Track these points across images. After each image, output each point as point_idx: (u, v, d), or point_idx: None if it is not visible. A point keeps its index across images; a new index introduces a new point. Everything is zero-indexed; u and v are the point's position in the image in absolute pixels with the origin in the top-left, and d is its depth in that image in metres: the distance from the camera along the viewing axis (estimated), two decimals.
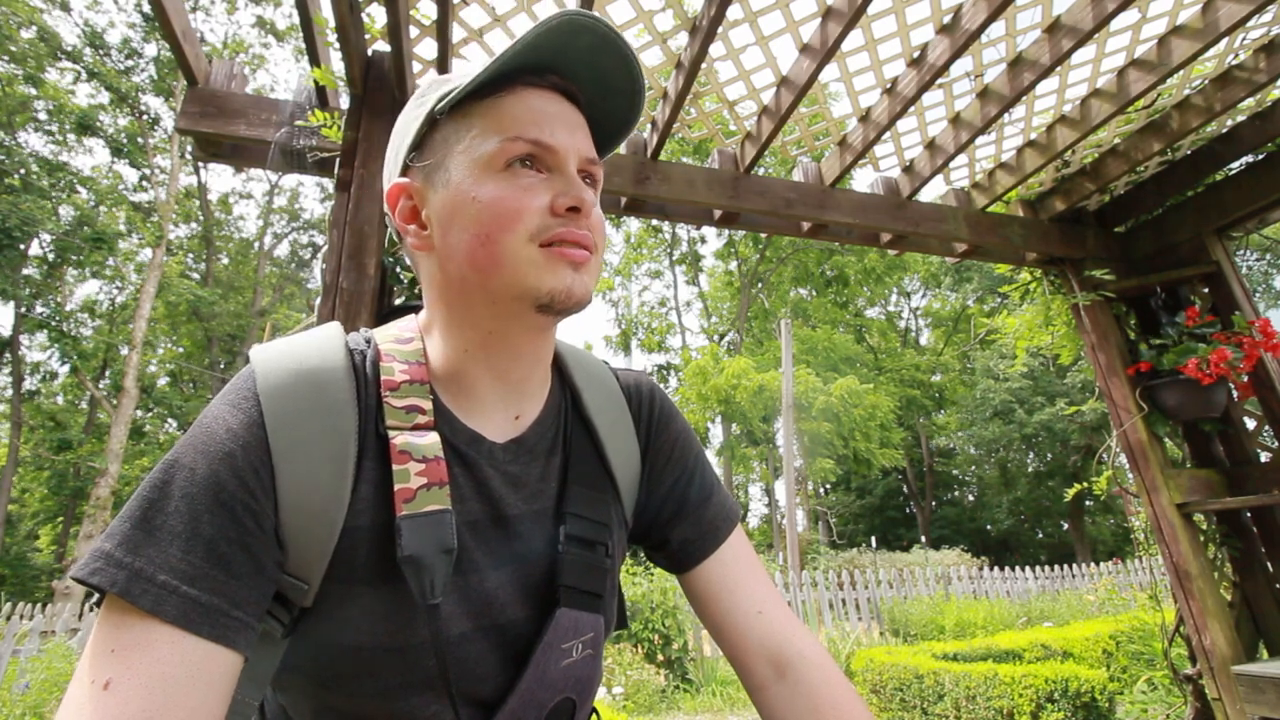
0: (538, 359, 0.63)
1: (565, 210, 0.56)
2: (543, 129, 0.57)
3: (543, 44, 0.55)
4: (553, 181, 0.57)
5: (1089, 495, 11.84)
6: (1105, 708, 3.52)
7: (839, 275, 25.25)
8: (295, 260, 25.14)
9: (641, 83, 0.61)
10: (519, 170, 0.56)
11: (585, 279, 0.57)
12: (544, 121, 0.57)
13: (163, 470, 0.48)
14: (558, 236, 0.56)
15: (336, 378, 0.56)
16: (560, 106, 0.59)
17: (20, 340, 16.76)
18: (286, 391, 0.53)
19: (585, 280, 0.57)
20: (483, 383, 0.61)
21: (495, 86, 0.58)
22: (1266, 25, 2.05)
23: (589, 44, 0.57)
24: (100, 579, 0.43)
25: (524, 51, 0.55)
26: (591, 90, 0.61)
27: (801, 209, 2.52)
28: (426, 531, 0.52)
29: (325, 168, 1.99)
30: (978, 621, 7.53)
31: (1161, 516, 2.46)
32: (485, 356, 0.60)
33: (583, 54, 0.58)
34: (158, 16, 1.71)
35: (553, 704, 0.59)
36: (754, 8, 1.95)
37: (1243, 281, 2.59)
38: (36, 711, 4.12)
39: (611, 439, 0.69)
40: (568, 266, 0.56)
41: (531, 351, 0.62)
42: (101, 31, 17.04)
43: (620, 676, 5.52)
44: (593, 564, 0.62)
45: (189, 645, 0.44)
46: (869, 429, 17.69)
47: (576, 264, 0.56)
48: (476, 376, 0.60)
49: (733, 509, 0.75)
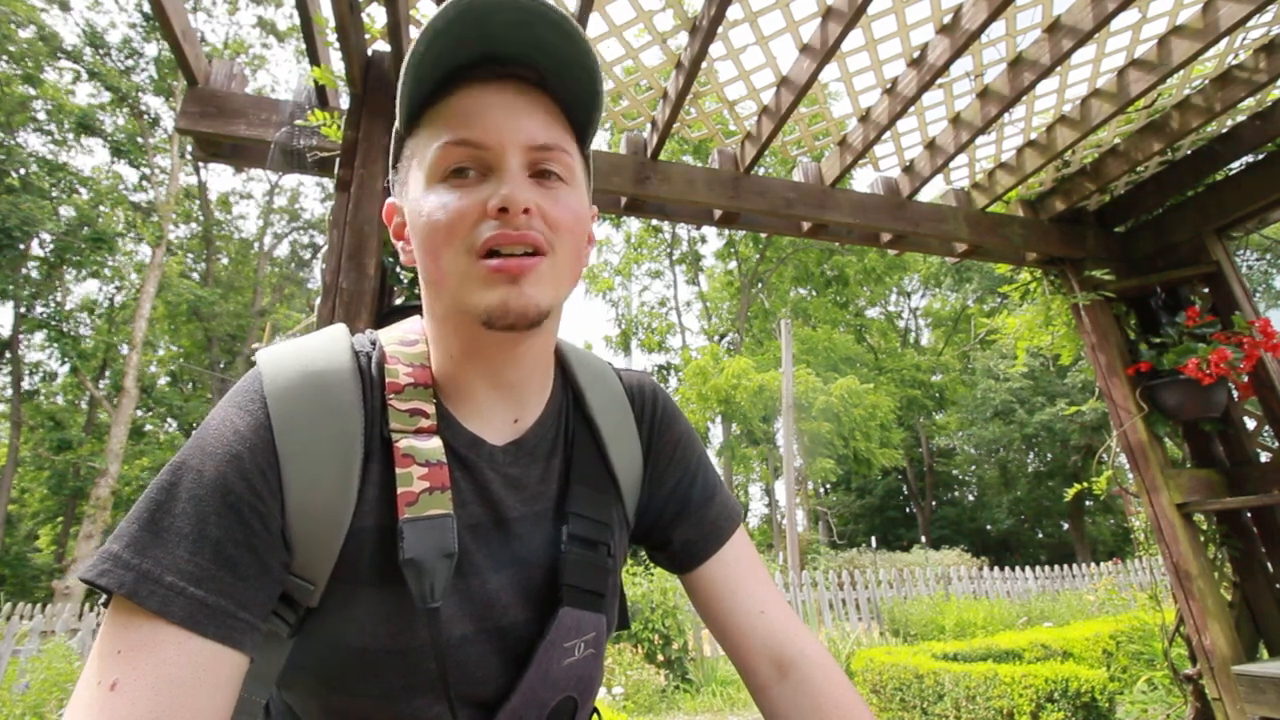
0: (530, 365, 0.62)
1: (496, 212, 0.52)
2: (474, 125, 0.53)
3: (452, 34, 0.51)
4: (490, 183, 0.53)
5: (1089, 495, 11.85)
6: (1105, 708, 3.52)
7: (839, 275, 25.26)
8: (295, 260, 25.14)
9: (584, 45, 0.54)
10: (458, 177, 0.54)
11: (526, 290, 0.52)
12: (476, 117, 0.54)
13: (170, 472, 0.49)
14: (490, 244, 0.52)
15: (342, 380, 0.56)
16: (500, 96, 0.55)
17: (20, 340, 16.76)
18: (293, 394, 0.53)
19: (525, 292, 0.52)
20: (477, 388, 0.60)
21: (440, 90, 0.55)
22: (1266, 25, 2.05)
23: (513, 20, 0.52)
24: (108, 580, 0.44)
25: (433, 49, 0.52)
26: (541, 65, 0.56)
27: (801, 209, 2.52)
28: (428, 535, 0.52)
29: (325, 168, 1.99)
30: (978, 621, 7.53)
31: (1161, 516, 2.46)
32: (473, 364, 0.59)
33: (511, 30, 0.53)
34: (158, 16, 1.71)
35: (555, 703, 0.59)
36: (754, 8, 1.95)
37: (1243, 281, 2.59)
38: (36, 711, 4.12)
39: (614, 439, 0.69)
40: (502, 280, 0.52)
41: (518, 359, 0.60)
42: (102, 31, 17.05)
43: (620, 676, 5.52)
44: (595, 563, 0.62)
45: (195, 646, 0.44)
46: (869, 429, 17.69)
47: (513, 275, 0.52)
48: (470, 382, 0.60)
49: (734, 510, 0.75)
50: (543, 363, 0.64)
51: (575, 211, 0.57)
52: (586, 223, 0.61)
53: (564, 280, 0.57)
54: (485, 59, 0.55)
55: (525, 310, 0.53)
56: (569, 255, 0.57)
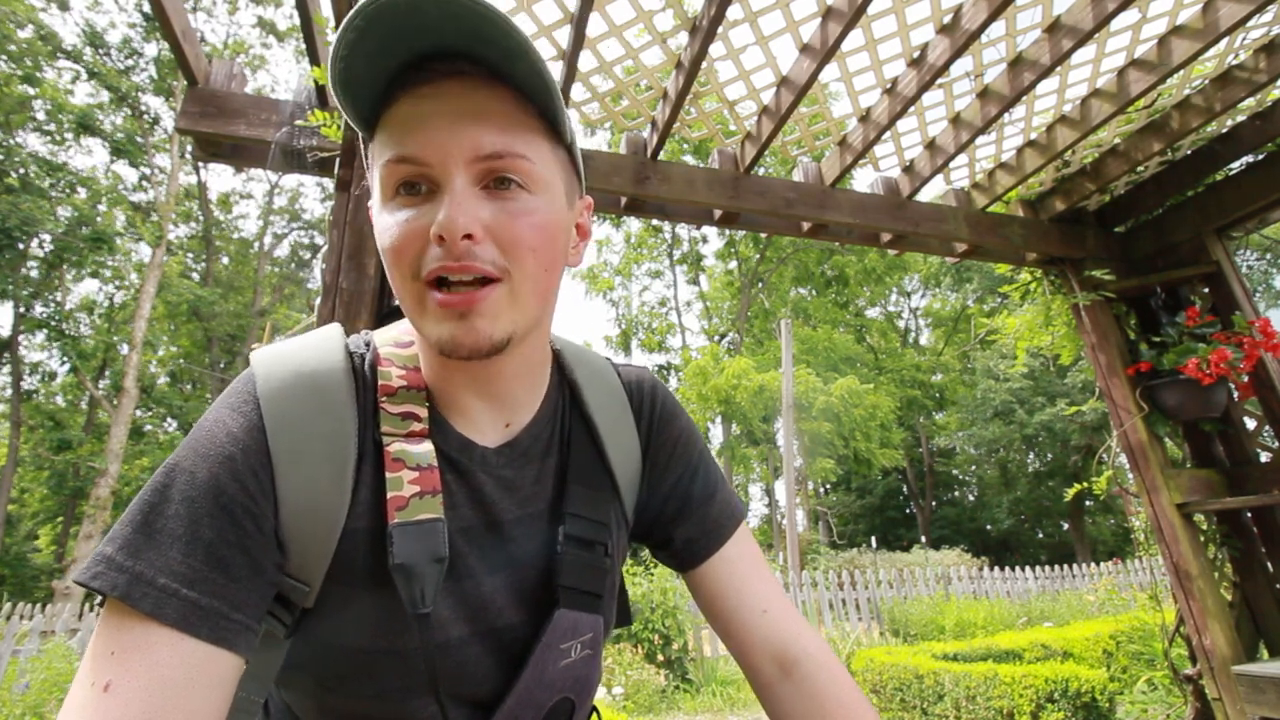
0: (513, 376, 0.60)
1: (438, 240, 0.48)
2: (415, 139, 0.49)
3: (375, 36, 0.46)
4: (436, 203, 0.49)
5: (1089, 495, 11.83)
6: (1105, 708, 3.52)
7: (839, 275, 25.26)
8: (295, 260, 25.13)
9: (507, 25, 0.46)
10: (404, 197, 0.50)
11: (476, 324, 0.49)
12: (416, 128, 0.49)
13: (163, 474, 0.49)
14: (435, 272, 0.49)
15: (336, 381, 0.55)
16: (443, 101, 0.49)
17: (20, 340, 16.76)
18: (286, 395, 0.53)
19: (476, 326, 0.49)
20: (464, 395, 0.60)
21: (387, 94, 0.50)
22: (1266, 25, 2.05)
23: (441, 11, 0.46)
24: (101, 583, 0.44)
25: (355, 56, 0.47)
26: (490, 57, 0.49)
27: (801, 209, 2.52)
28: (418, 540, 0.52)
29: (325, 168, 1.99)
30: (978, 621, 7.53)
31: (1161, 516, 2.46)
32: (456, 376, 0.59)
33: (444, 21, 0.46)
34: (158, 16, 1.71)
35: (551, 704, 0.59)
36: (754, 8, 1.95)
37: (1243, 281, 2.59)
38: (36, 711, 4.12)
39: (611, 436, 0.68)
40: (450, 315, 0.49)
41: (499, 374, 0.58)
42: (102, 31, 17.05)
43: (620, 676, 5.52)
44: (592, 564, 0.62)
45: (189, 648, 0.44)
46: (869, 429, 17.69)
47: (461, 310, 0.49)
48: (456, 389, 0.59)
49: (737, 507, 0.75)
50: (529, 372, 0.62)
51: (538, 224, 0.52)
52: (558, 232, 0.54)
53: (527, 304, 0.53)
54: (426, 57, 0.49)
55: (477, 345, 0.50)
56: (532, 275, 0.52)
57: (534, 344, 0.60)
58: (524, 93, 0.51)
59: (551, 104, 0.52)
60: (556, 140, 0.55)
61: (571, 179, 0.59)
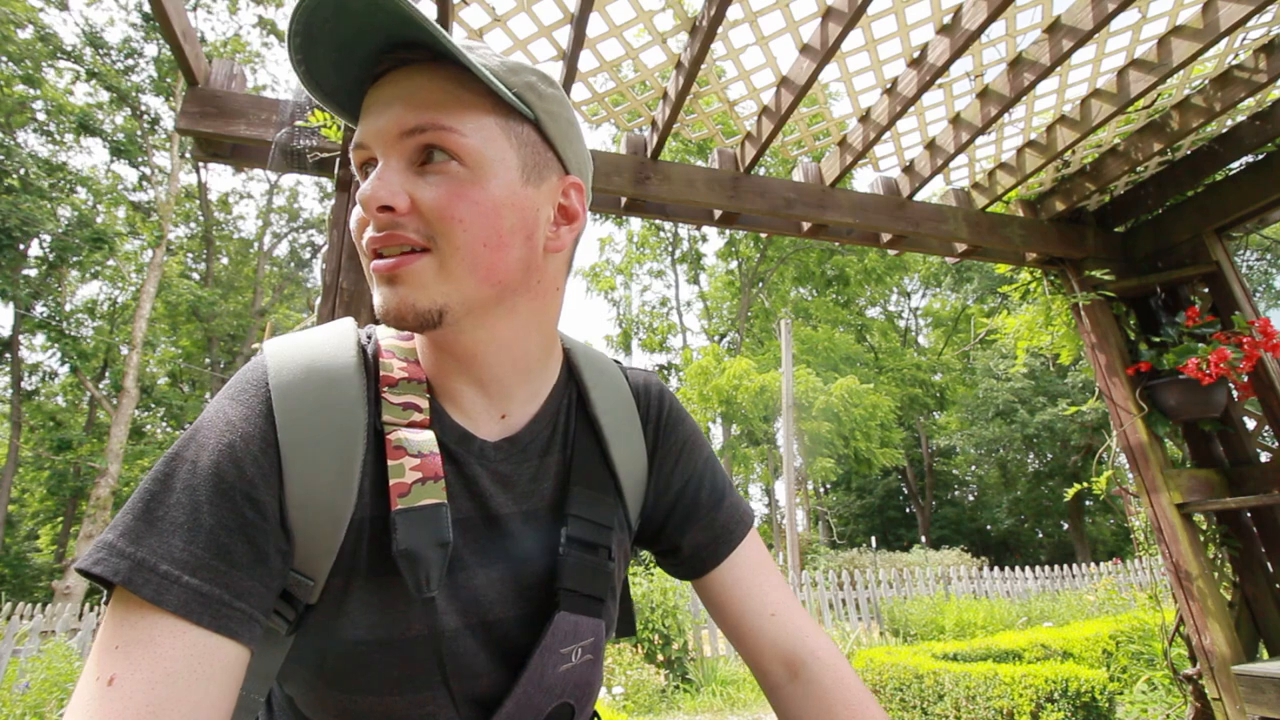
0: (495, 360, 0.59)
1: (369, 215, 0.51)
2: (363, 126, 0.53)
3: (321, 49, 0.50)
4: None
5: (1089, 495, 11.82)
6: (1105, 708, 3.52)
7: (840, 275, 25.26)
8: (295, 260, 25.14)
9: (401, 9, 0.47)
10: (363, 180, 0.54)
11: (400, 290, 0.51)
12: (364, 117, 0.53)
13: (165, 463, 0.49)
14: (371, 247, 0.52)
15: (349, 375, 0.56)
16: (385, 88, 0.52)
17: (20, 340, 16.76)
18: (299, 387, 0.53)
19: (399, 292, 0.51)
20: (457, 383, 0.60)
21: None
22: (1266, 25, 2.05)
23: (361, 7, 0.47)
24: (103, 569, 0.43)
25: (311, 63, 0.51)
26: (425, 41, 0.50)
27: (801, 209, 2.52)
28: (421, 525, 0.52)
29: (325, 168, 1.99)
30: (978, 621, 7.53)
31: (1161, 516, 2.46)
32: (443, 360, 0.59)
33: (361, 18, 0.48)
34: (158, 16, 1.71)
35: (550, 709, 0.59)
36: (754, 8, 1.95)
37: (1243, 281, 2.59)
38: (37, 711, 4.12)
39: (617, 439, 0.68)
40: (381, 281, 0.52)
41: (476, 354, 0.58)
42: (101, 31, 17.05)
43: (620, 676, 5.52)
44: (594, 567, 0.61)
45: (192, 637, 0.44)
46: (869, 429, 17.69)
47: (388, 275, 0.51)
48: (448, 377, 0.60)
49: (746, 512, 0.75)
50: (515, 357, 0.61)
51: (470, 197, 0.51)
52: (502, 208, 0.52)
53: (460, 279, 0.52)
54: (379, 52, 0.52)
55: (400, 312, 0.51)
56: (464, 248, 0.51)
57: (508, 329, 0.58)
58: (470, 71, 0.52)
59: (483, 78, 0.51)
60: (513, 115, 0.54)
61: (539, 156, 0.56)
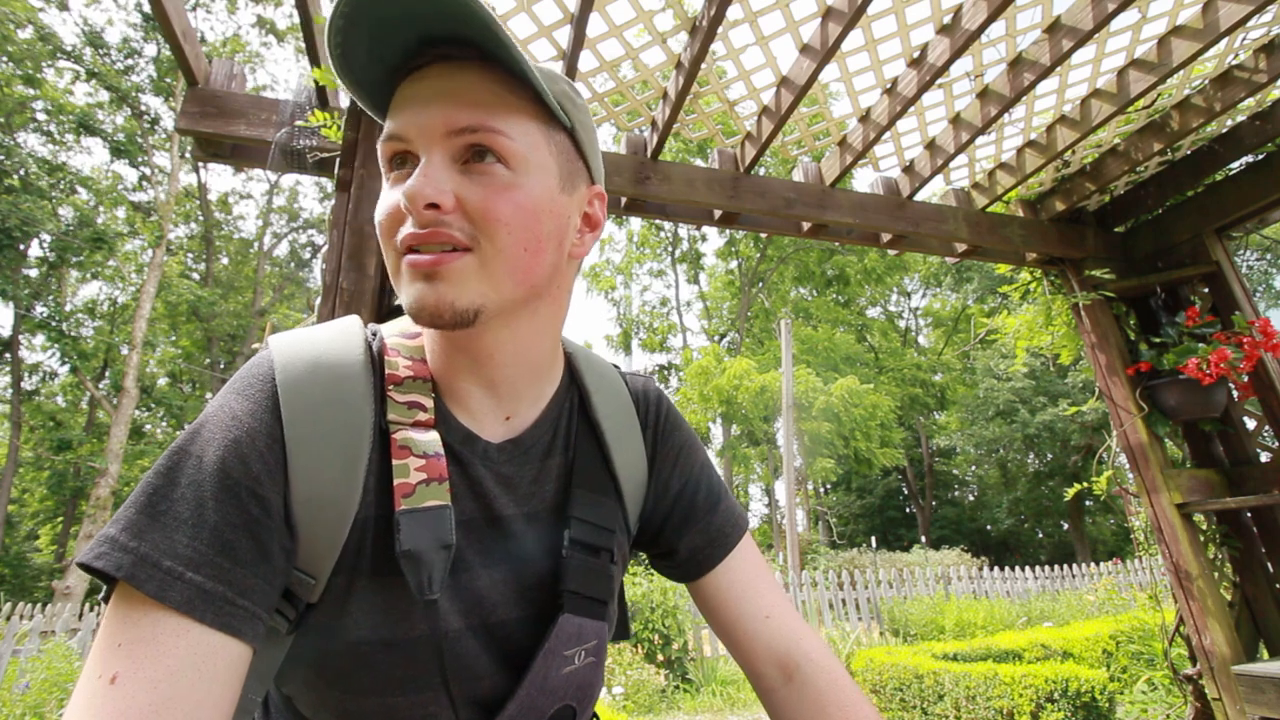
0: (510, 361, 0.59)
1: (406, 210, 0.50)
2: (399, 118, 0.52)
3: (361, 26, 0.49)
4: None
5: (1089, 495, 11.83)
6: (1105, 708, 3.52)
7: (840, 275, 25.25)
8: (295, 260, 25.14)
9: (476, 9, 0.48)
10: (396, 173, 0.54)
11: (440, 288, 0.50)
12: (403, 108, 0.52)
13: (170, 457, 0.48)
14: (407, 243, 0.51)
15: (355, 373, 0.56)
16: (427, 82, 0.52)
17: (20, 340, 16.76)
18: (305, 384, 0.53)
19: (439, 290, 0.50)
20: (465, 383, 0.60)
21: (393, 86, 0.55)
22: (1266, 25, 2.05)
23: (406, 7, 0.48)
24: (105, 563, 0.43)
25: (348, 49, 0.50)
26: (477, 39, 0.50)
27: (801, 209, 2.52)
28: (425, 527, 0.52)
29: (325, 168, 1.99)
30: (978, 621, 7.53)
31: (1161, 516, 2.46)
32: (455, 358, 0.59)
33: (422, 9, 0.49)
34: (158, 16, 1.71)
35: (552, 711, 0.59)
36: (754, 8, 1.95)
37: (1243, 281, 2.59)
38: (37, 711, 4.12)
39: (618, 443, 0.68)
40: (418, 277, 0.51)
41: (490, 355, 0.58)
42: (100, 30, 17.04)
43: (620, 676, 5.52)
44: (597, 569, 0.61)
45: (195, 635, 0.43)
46: (869, 429, 17.69)
47: (426, 272, 0.50)
48: (457, 376, 0.60)
49: (741, 517, 0.75)
50: (529, 361, 0.61)
51: (515, 200, 0.52)
52: (541, 213, 0.54)
53: (500, 280, 0.52)
54: (425, 44, 0.51)
55: (438, 309, 0.50)
56: (505, 250, 0.52)
57: (528, 331, 0.59)
58: (516, 75, 0.52)
59: (536, 86, 0.52)
60: (552, 123, 0.56)
61: (573, 165, 0.58)
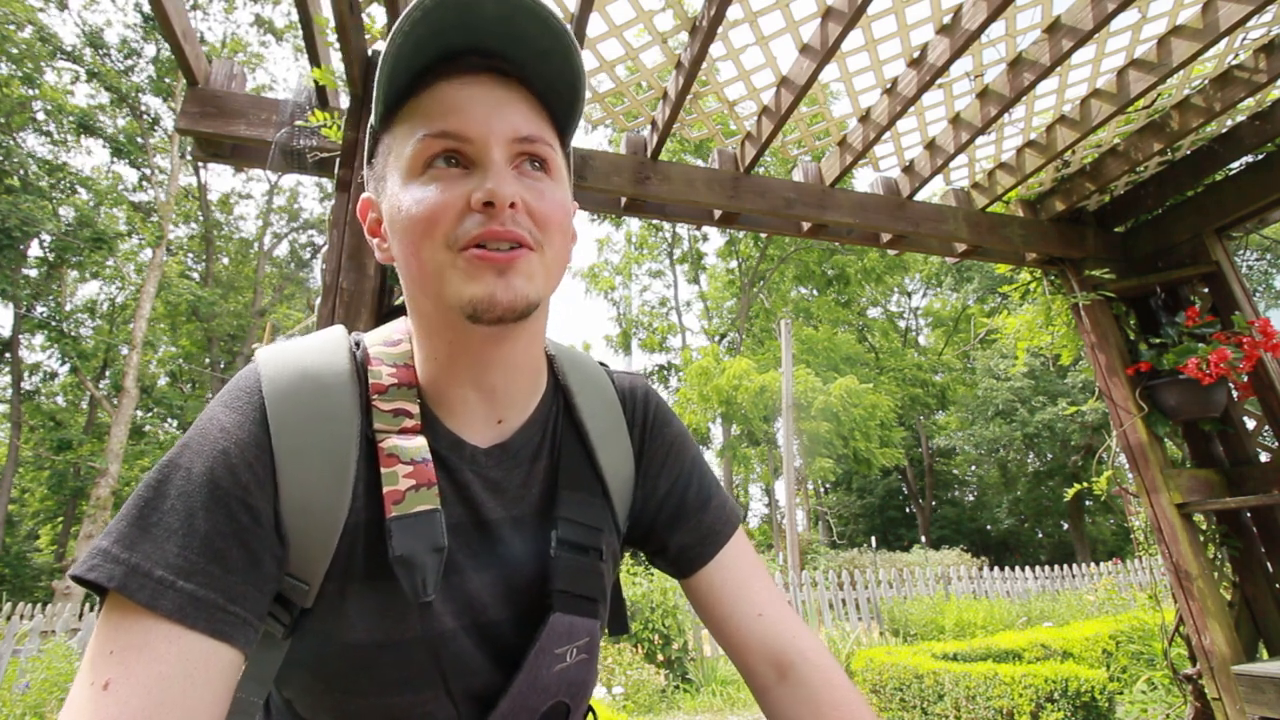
0: (514, 366, 0.61)
1: (481, 206, 0.51)
2: (455, 117, 0.52)
3: (432, 22, 0.51)
4: (473, 176, 0.52)
5: (1089, 495, 11.85)
6: (1105, 708, 3.52)
7: (840, 274, 25.23)
8: (295, 260, 25.13)
9: (566, 37, 0.54)
10: (439, 170, 0.53)
11: (515, 282, 0.52)
12: (458, 109, 0.53)
13: (159, 470, 0.49)
14: (476, 238, 0.51)
15: (341, 383, 0.57)
16: (481, 89, 0.54)
17: (20, 340, 16.76)
18: (292, 395, 0.54)
19: (514, 284, 0.52)
20: (459, 389, 0.60)
21: (416, 85, 0.55)
22: (1266, 25, 2.05)
23: (494, 13, 0.52)
24: (97, 575, 0.44)
25: (412, 37, 0.51)
26: (522, 58, 0.55)
27: (801, 209, 2.52)
28: (417, 531, 0.53)
29: (325, 168, 1.99)
30: (978, 621, 7.53)
31: (1161, 516, 2.46)
32: (455, 364, 0.59)
33: (492, 24, 0.52)
34: (158, 16, 1.71)
35: (545, 708, 0.60)
36: (754, 8, 1.95)
37: (1243, 281, 2.59)
38: (37, 711, 4.12)
39: (603, 442, 0.69)
40: (489, 271, 0.51)
41: (501, 359, 0.59)
42: (99, 30, 17.03)
43: (620, 676, 5.52)
44: (586, 568, 0.62)
45: (187, 642, 0.44)
46: (869, 428, 17.67)
47: (500, 266, 0.51)
48: (451, 382, 0.60)
49: (733, 512, 0.75)
50: (528, 365, 0.63)
51: (562, 206, 0.57)
52: (569, 221, 0.60)
53: (552, 276, 0.57)
54: (467, 50, 0.54)
55: (513, 303, 0.52)
56: (558, 252, 0.57)
57: (536, 334, 0.62)
58: (542, 96, 0.57)
59: (568, 109, 0.58)
60: (562, 142, 0.60)
61: (570, 180, 0.64)
